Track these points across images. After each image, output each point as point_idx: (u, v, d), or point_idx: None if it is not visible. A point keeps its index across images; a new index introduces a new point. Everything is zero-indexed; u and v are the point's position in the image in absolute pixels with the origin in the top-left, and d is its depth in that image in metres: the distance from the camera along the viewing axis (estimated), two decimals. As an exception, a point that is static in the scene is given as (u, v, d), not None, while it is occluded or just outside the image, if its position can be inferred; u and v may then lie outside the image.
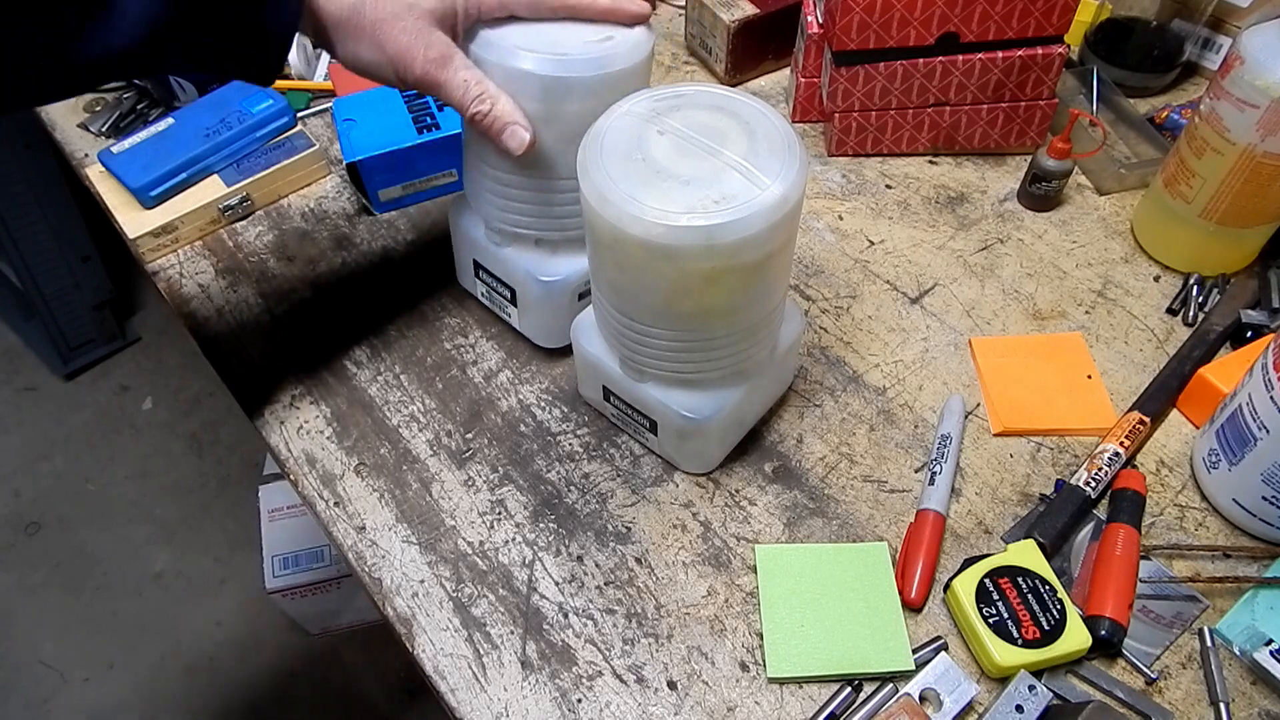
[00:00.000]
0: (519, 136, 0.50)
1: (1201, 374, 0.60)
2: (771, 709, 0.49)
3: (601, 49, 0.50)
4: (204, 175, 0.75)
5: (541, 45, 0.49)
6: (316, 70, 0.89)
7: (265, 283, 0.71)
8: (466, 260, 0.65)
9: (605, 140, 0.46)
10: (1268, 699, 0.49)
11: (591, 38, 0.50)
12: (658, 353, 0.51)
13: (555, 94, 0.50)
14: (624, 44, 0.50)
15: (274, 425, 0.62)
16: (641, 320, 0.49)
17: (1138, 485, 0.56)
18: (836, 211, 0.75)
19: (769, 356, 0.55)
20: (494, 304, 0.66)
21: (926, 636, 0.51)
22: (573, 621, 0.52)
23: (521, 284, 0.60)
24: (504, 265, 0.61)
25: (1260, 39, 0.58)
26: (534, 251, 0.59)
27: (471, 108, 0.49)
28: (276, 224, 0.76)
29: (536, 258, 0.59)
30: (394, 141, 0.72)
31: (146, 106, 0.86)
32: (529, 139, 0.50)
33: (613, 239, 0.44)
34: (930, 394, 0.62)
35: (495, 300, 0.65)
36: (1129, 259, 0.71)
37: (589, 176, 0.45)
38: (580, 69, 0.49)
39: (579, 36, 0.50)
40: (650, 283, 0.46)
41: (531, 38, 0.50)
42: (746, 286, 0.47)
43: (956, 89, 0.74)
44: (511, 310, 0.64)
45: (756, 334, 0.52)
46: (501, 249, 0.60)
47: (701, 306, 0.47)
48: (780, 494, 0.58)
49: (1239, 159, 0.60)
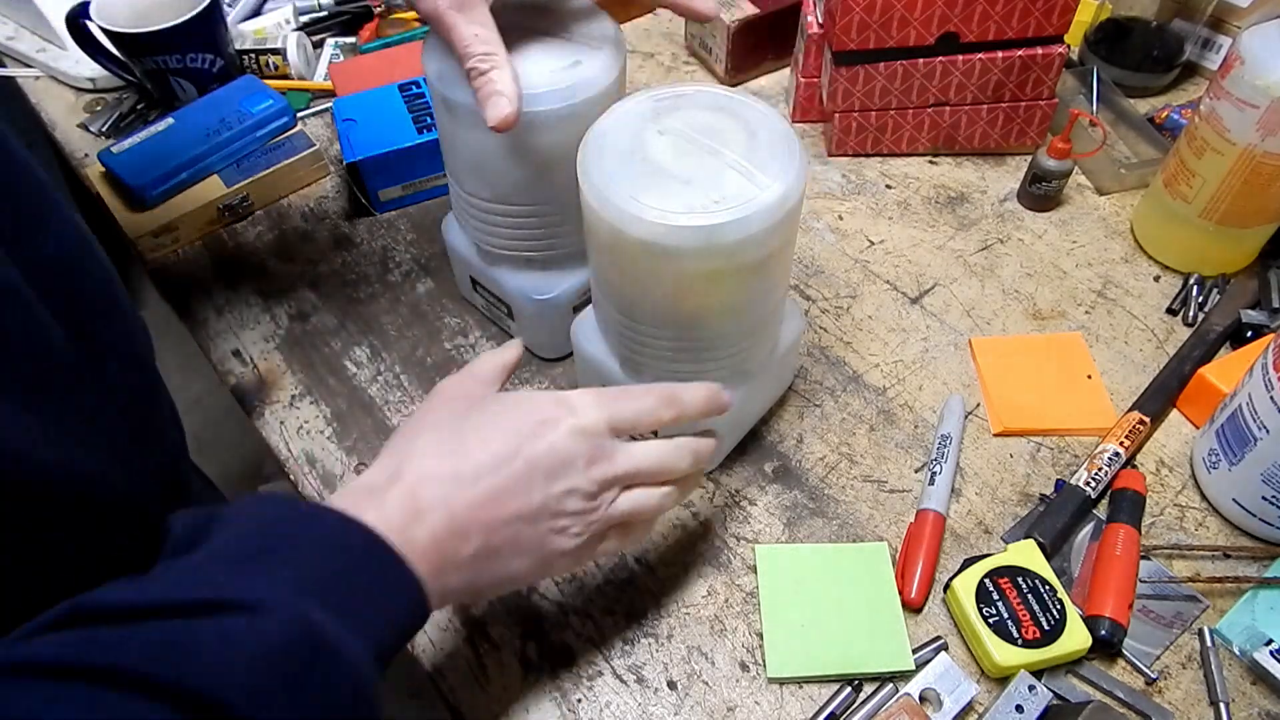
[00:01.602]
0: (500, 109, 0.45)
1: (1201, 374, 0.60)
2: (771, 709, 0.49)
3: (569, 77, 0.49)
4: (204, 175, 0.75)
5: None
6: (316, 70, 0.89)
7: (265, 283, 0.71)
8: (463, 275, 0.65)
9: (605, 140, 0.46)
10: (1268, 699, 0.49)
11: (558, 65, 0.50)
12: (658, 352, 0.51)
13: (523, 129, 0.48)
14: (591, 68, 0.50)
15: (274, 425, 0.62)
16: (642, 320, 0.49)
17: (1138, 485, 0.56)
18: (836, 211, 0.75)
19: (769, 356, 0.55)
20: (493, 316, 0.66)
21: (926, 636, 0.51)
22: (573, 621, 0.52)
23: (516, 302, 0.61)
24: (497, 284, 0.61)
25: (1260, 39, 0.58)
26: (526, 270, 0.60)
27: (469, 62, 0.46)
28: (276, 224, 0.76)
29: (529, 276, 0.60)
30: (394, 141, 0.72)
31: (146, 106, 0.86)
32: (510, 116, 0.45)
33: (613, 239, 0.44)
34: (930, 394, 0.62)
35: (494, 314, 0.66)
36: (1129, 259, 0.71)
37: (589, 177, 0.44)
38: (548, 102, 0.48)
39: (545, 66, 0.50)
40: (650, 283, 0.46)
41: None
42: (747, 286, 0.47)
43: (956, 89, 0.74)
44: (510, 323, 0.64)
45: (757, 334, 0.52)
46: (493, 269, 0.61)
47: (702, 306, 0.47)
48: (780, 494, 0.58)
49: (1239, 159, 0.60)
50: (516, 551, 0.40)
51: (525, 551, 0.41)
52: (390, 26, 0.91)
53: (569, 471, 0.40)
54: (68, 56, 0.88)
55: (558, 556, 0.42)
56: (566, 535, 0.41)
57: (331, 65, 0.86)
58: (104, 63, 0.82)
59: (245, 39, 0.87)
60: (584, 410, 0.42)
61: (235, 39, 0.86)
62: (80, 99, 0.88)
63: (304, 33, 0.90)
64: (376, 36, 0.90)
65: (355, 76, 0.82)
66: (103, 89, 0.88)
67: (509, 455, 0.40)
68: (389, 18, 0.92)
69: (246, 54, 0.86)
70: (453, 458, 0.40)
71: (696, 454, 0.45)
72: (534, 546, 0.41)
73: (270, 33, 0.87)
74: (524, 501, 0.40)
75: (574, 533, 0.41)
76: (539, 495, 0.40)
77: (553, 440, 0.40)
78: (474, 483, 0.39)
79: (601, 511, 0.42)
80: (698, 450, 0.45)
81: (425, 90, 0.77)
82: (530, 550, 0.41)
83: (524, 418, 0.41)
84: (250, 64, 0.86)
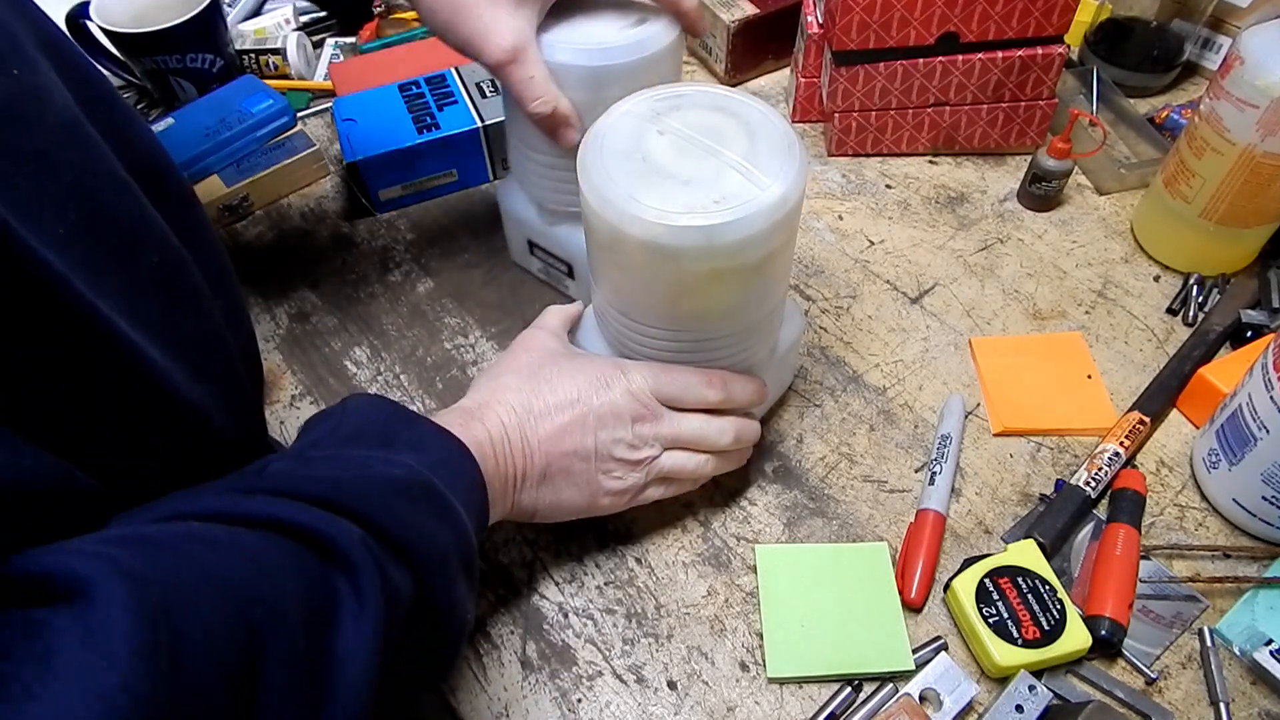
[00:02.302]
0: (569, 139, 0.53)
1: (1201, 374, 0.60)
2: (771, 709, 0.49)
3: (638, 34, 0.52)
4: (204, 175, 0.75)
5: (581, 39, 0.52)
6: (316, 70, 0.89)
7: (265, 283, 0.71)
8: (520, 240, 0.68)
9: (605, 141, 0.46)
10: (1268, 699, 0.49)
11: (625, 23, 0.53)
12: (657, 352, 0.51)
13: (600, 82, 0.52)
14: (655, 26, 0.53)
15: (274, 425, 0.62)
16: (642, 320, 0.49)
17: (1138, 485, 0.56)
18: (836, 211, 0.75)
19: (769, 357, 0.55)
20: (551, 278, 0.69)
21: (926, 636, 0.51)
22: (573, 621, 0.52)
23: (578, 258, 0.63)
24: (560, 243, 0.63)
25: (1260, 39, 0.58)
26: None
27: (530, 107, 0.51)
28: (276, 224, 0.76)
29: None
30: (394, 141, 0.72)
31: (146, 106, 0.86)
32: (576, 141, 0.52)
33: (613, 239, 0.44)
34: (930, 394, 0.62)
35: (552, 275, 0.68)
36: (1129, 259, 0.71)
37: (589, 177, 0.45)
38: (621, 55, 0.52)
39: (613, 25, 0.53)
40: (650, 283, 0.46)
41: (568, 33, 0.52)
42: (747, 286, 0.47)
43: (956, 89, 0.74)
44: (569, 283, 0.67)
45: (757, 333, 0.52)
46: (555, 227, 0.63)
47: (702, 307, 0.47)
48: (780, 494, 0.58)
49: (1239, 159, 0.60)
50: (571, 482, 0.49)
51: (578, 483, 0.49)
52: (390, 26, 0.92)
53: (618, 424, 0.48)
54: (68, 56, 0.88)
55: (604, 494, 0.50)
56: (612, 478, 0.49)
57: (331, 65, 0.86)
58: (104, 63, 0.82)
59: (245, 39, 0.87)
60: (636, 376, 0.49)
61: (235, 39, 0.86)
62: (80, 99, 0.88)
63: (304, 33, 0.90)
64: (376, 36, 0.90)
65: (355, 76, 0.82)
66: (103, 89, 0.88)
67: (572, 401, 0.48)
68: (389, 18, 0.92)
69: (246, 54, 0.86)
70: (530, 395, 0.48)
71: (739, 432, 0.52)
72: (585, 480, 0.49)
73: (270, 33, 0.87)
74: (580, 440, 0.48)
75: (617, 476, 0.49)
76: (592, 439, 0.48)
77: (609, 396, 0.48)
78: (543, 418, 0.48)
79: (645, 464, 0.50)
80: (740, 430, 0.52)
81: (425, 90, 0.77)
82: (582, 483, 0.49)
83: (588, 375, 0.49)
84: (250, 64, 0.86)
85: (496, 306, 0.69)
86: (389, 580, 0.34)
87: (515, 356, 0.52)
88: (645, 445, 0.49)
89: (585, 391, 0.48)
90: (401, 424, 0.43)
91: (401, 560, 0.36)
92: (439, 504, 0.40)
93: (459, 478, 0.42)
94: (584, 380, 0.49)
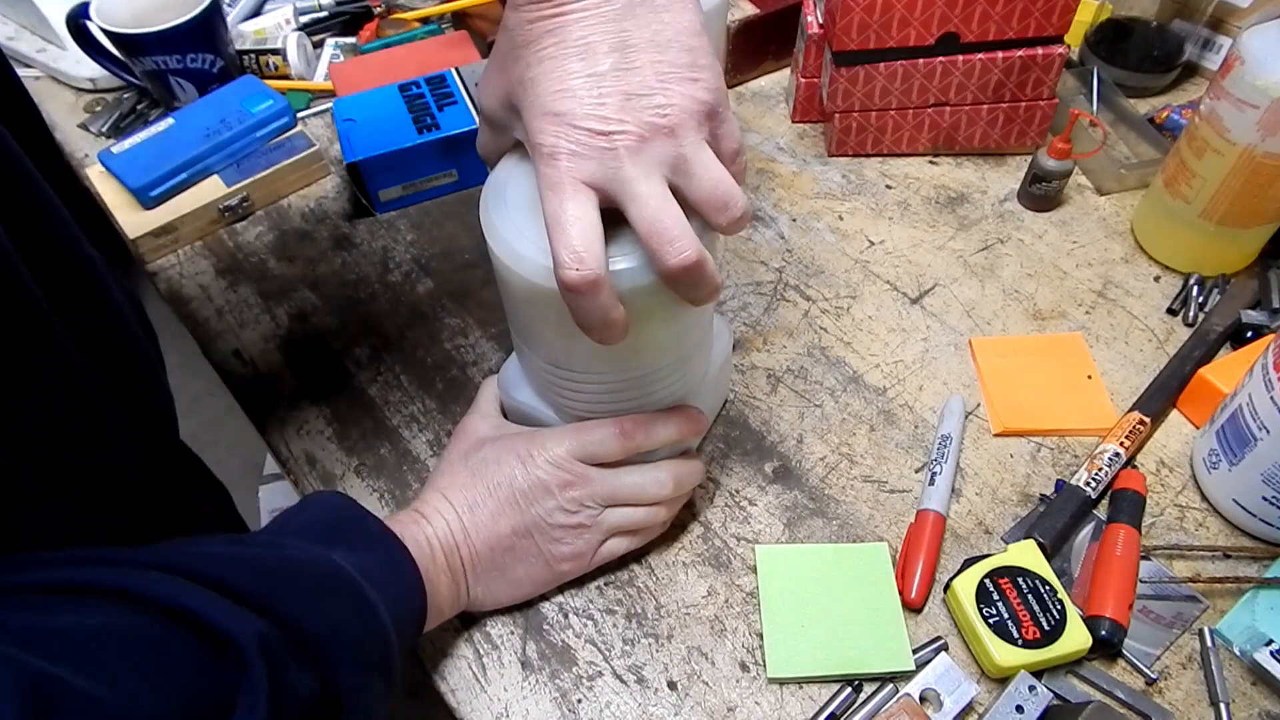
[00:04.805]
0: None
1: (1201, 374, 0.60)
2: (771, 709, 0.49)
3: None
4: (204, 175, 0.75)
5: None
6: (316, 71, 0.89)
7: (265, 283, 0.71)
8: None
9: (507, 190, 0.44)
10: (1268, 699, 0.49)
11: None
12: (594, 396, 0.50)
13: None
14: None
15: (274, 425, 0.62)
16: (572, 368, 0.48)
17: (1138, 485, 0.56)
18: (836, 211, 0.75)
19: (702, 380, 0.54)
20: None
21: (926, 637, 0.51)
22: (573, 621, 0.52)
23: None
24: None
25: (1260, 39, 0.58)
26: None
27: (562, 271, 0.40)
28: (276, 224, 0.76)
29: None
30: (394, 141, 0.72)
31: (146, 106, 0.86)
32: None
33: (530, 293, 0.42)
34: (930, 394, 0.62)
35: None
36: (1129, 259, 0.71)
37: (495, 231, 0.43)
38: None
39: None
40: (576, 331, 0.42)
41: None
42: (676, 319, 0.46)
43: (956, 89, 0.74)
44: None
45: (689, 361, 0.51)
46: None
47: (633, 346, 0.45)
48: (780, 494, 0.58)
49: (1239, 159, 0.60)
50: (520, 559, 0.50)
51: (528, 559, 0.50)
52: (390, 26, 0.91)
53: (546, 495, 0.49)
54: (68, 57, 0.88)
55: (560, 561, 0.51)
56: (562, 544, 0.50)
57: (331, 65, 0.86)
58: (104, 63, 0.82)
59: (245, 39, 0.87)
60: (552, 446, 0.50)
61: (235, 39, 0.86)
62: (80, 99, 0.88)
63: (304, 33, 0.90)
64: (376, 36, 0.90)
65: (355, 76, 0.82)
66: (103, 89, 0.88)
67: (499, 484, 0.50)
68: (389, 18, 0.92)
69: (246, 54, 0.86)
70: (466, 487, 0.50)
71: (678, 479, 0.52)
72: (535, 554, 0.50)
73: (270, 33, 0.87)
74: (515, 520, 0.49)
75: (567, 542, 0.50)
76: (527, 515, 0.49)
77: (532, 471, 0.50)
78: (479, 507, 0.49)
79: (589, 524, 0.50)
80: (679, 476, 0.52)
81: (425, 90, 0.77)
82: (533, 558, 0.50)
83: (512, 454, 0.50)
84: (250, 64, 0.86)
85: (496, 306, 0.69)
86: (283, 682, 0.33)
87: (455, 446, 0.54)
88: (582, 508, 0.50)
89: (510, 472, 0.50)
90: (351, 521, 0.45)
91: (307, 656, 0.35)
92: (358, 602, 0.40)
93: (394, 578, 0.44)
94: (508, 461, 0.50)
